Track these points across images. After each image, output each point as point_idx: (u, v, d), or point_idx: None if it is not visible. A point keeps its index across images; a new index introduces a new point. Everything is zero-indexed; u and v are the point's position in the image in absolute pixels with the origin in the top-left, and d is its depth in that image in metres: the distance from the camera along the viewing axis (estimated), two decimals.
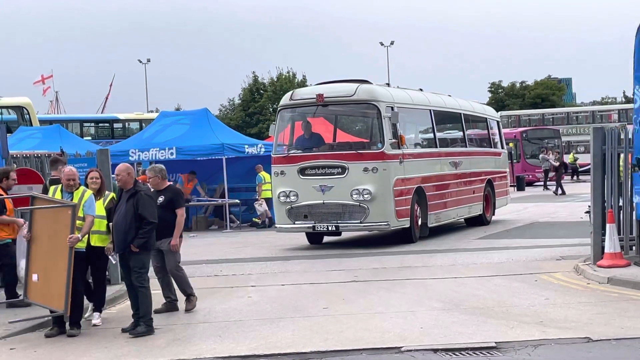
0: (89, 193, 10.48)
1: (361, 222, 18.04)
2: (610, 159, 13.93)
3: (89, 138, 40.12)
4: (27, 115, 32.45)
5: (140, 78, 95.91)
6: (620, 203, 13.99)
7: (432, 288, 12.81)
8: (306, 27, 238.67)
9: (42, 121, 35.81)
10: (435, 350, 8.80)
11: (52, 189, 10.72)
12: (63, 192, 10.47)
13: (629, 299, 11.34)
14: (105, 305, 11.22)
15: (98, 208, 10.52)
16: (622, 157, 13.93)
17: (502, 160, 25.55)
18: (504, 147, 26.17)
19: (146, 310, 10.22)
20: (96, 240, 10.53)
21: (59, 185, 10.65)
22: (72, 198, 10.33)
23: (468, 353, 8.67)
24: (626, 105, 57.83)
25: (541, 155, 43.20)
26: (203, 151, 24.14)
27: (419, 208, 19.16)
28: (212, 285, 14.00)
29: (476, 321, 10.14)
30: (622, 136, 14.00)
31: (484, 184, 23.09)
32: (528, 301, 11.40)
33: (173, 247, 11.50)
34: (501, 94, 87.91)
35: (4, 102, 33.67)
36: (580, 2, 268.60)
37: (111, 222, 10.49)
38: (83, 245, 10.28)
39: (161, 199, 11.40)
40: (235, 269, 15.86)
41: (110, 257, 10.67)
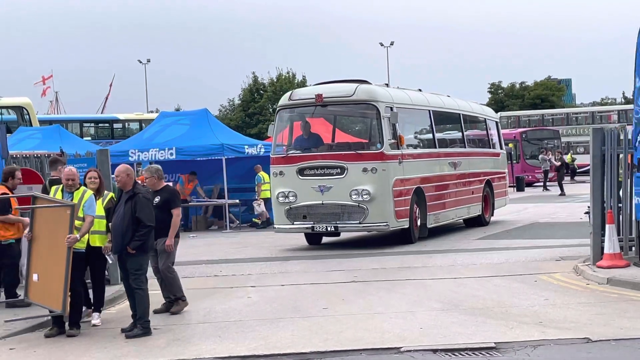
0: (89, 193, 10.47)
1: (360, 223, 18.01)
2: (609, 160, 13.95)
3: (89, 138, 40.09)
4: (27, 115, 32.41)
5: (140, 78, 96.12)
6: (619, 204, 14.01)
7: (432, 288, 12.82)
8: (306, 27, 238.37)
9: (42, 121, 35.78)
10: (434, 350, 8.82)
11: (54, 189, 10.72)
12: (64, 193, 10.47)
13: (629, 300, 11.35)
14: (104, 305, 11.23)
15: (98, 208, 10.53)
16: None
17: (501, 160, 25.55)
18: (503, 148, 26.20)
19: (143, 312, 10.21)
20: (96, 240, 10.54)
21: (60, 185, 10.64)
22: (72, 198, 10.33)
23: (467, 353, 8.68)
24: (626, 106, 57.77)
25: (541, 155, 43.20)
26: (203, 151, 24.13)
27: (418, 208, 19.15)
28: (212, 285, 14.02)
29: (475, 321, 10.15)
30: (622, 137, 14.02)
31: (483, 185, 23.10)
32: (527, 302, 11.41)
33: (167, 247, 11.46)
34: (501, 95, 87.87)
35: (4, 102, 33.63)
36: (580, 2, 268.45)
37: (110, 223, 10.50)
38: (83, 245, 10.28)
39: (157, 199, 11.39)
40: (234, 269, 15.86)
41: (107, 257, 10.68)
